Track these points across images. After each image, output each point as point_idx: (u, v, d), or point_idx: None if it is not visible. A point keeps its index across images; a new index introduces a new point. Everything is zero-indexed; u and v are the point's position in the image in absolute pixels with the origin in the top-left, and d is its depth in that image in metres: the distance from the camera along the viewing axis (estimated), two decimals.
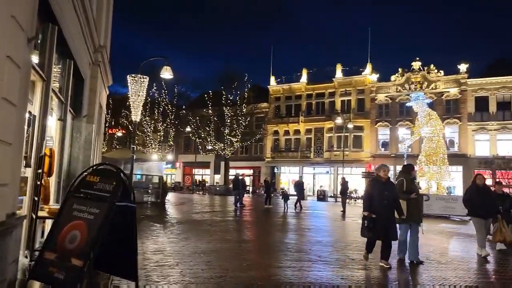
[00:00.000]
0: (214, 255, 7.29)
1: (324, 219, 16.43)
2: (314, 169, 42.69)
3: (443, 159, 21.81)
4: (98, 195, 4.40)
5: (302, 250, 8.11)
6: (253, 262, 6.77)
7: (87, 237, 4.18)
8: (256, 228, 12.68)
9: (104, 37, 12.10)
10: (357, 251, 8.10)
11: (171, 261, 6.63)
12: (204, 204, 23.76)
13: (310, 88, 44.05)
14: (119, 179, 4.42)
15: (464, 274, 6.25)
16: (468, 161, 35.40)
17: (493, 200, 8.31)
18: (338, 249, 8.44)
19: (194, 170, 49.70)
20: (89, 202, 4.37)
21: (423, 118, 22.43)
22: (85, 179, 4.53)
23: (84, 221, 4.25)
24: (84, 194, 4.43)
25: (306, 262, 6.79)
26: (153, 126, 42.28)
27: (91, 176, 4.56)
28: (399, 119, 39.06)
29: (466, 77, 36.78)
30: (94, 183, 4.50)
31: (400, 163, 36.20)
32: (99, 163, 4.96)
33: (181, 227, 11.66)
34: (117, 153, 25.70)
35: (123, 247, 4.61)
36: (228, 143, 40.68)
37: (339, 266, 6.58)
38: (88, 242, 4.13)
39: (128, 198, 4.54)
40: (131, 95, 14.96)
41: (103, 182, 4.44)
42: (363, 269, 6.38)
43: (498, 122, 35.45)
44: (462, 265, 7.07)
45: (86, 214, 4.30)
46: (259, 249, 8.20)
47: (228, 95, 40.75)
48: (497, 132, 35.47)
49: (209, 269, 6.12)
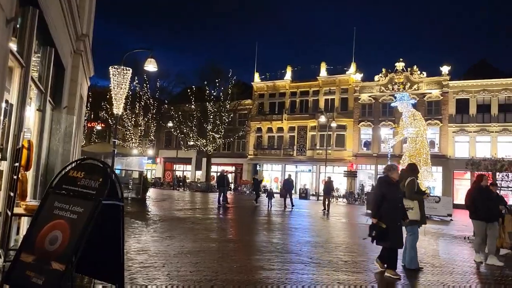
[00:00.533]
0: (202, 255, 6.98)
1: (309, 218, 16.28)
2: (296, 167, 42.67)
3: (426, 160, 21.93)
4: (82, 192, 4.02)
5: (293, 251, 7.87)
6: (243, 264, 6.48)
7: (69, 238, 3.81)
8: (242, 227, 12.40)
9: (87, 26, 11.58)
10: (349, 253, 7.92)
11: (156, 262, 6.28)
12: (186, 201, 23.34)
13: (294, 86, 43.96)
14: (106, 175, 4.05)
15: (461, 279, 6.11)
16: (448, 162, 35.96)
17: (495, 202, 8.16)
18: (329, 250, 8.22)
19: (175, 166, 49.02)
20: (72, 200, 3.99)
21: (407, 118, 22.49)
22: (68, 175, 4.15)
23: (66, 221, 3.88)
24: (66, 191, 4.05)
25: (299, 264, 6.54)
26: (133, 120, 41.43)
27: (75, 171, 4.18)
28: (381, 119, 39.37)
29: (448, 79, 37.31)
30: (78, 179, 4.12)
31: (383, 162, 36.62)
32: (84, 157, 4.56)
33: (164, 224, 11.29)
34: (97, 147, 24.99)
35: (108, 249, 4.24)
36: (210, 139, 40.23)
37: (333, 269, 6.35)
38: (71, 244, 3.76)
39: (116, 196, 4.17)
40: (113, 87, 14.45)
41: (88, 178, 4.07)
42: (358, 273, 6.17)
43: (477, 124, 36.09)
44: (457, 269, 6.95)
45: (68, 213, 3.93)
46: (248, 250, 7.92)
47: (212, 91, 40.27)
48: (476, 134, 36.12)
49: (197, 271, 5.81)
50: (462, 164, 35.10)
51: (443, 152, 36.32)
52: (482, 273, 6.62)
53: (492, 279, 6.31)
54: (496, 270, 6.93)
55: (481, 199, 7.80)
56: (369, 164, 39.58)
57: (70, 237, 3.82)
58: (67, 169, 4.21)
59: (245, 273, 5.83)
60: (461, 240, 11.28)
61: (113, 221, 4.19)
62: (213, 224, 12.30)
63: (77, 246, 3.74)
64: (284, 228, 12.31)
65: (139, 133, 42.05)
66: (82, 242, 3.78)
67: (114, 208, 4.14)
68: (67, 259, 3.67)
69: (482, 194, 7.87)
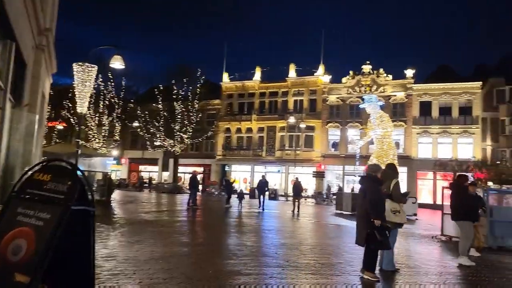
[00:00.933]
0: (174, 261, 6.70)
1: (280, 219, 16.21)
2: (265, 168, 42.67)
3: (393, 160, 22.43)
4: (49, 196, 3.69)
5: (269, 254, 7.72)
6: (219, 268, 6.26)
7: (35, 247, 3.48)
8: (214, 229, 12.14)
9: (50, 19, 11.01)
10: (325, 255, 7.86)
11: (126, 269, 5.95)
12: (153, 202, 22.77)
13: (263, 87, 43.99)
14: (75, 178, 3.73)
15: (438, 279, 6.15)
16: (412, 163, 37.03)
17: (477, 202, 8.31)
18: (305, 252, 8.13)
19: (141, 167, 47.91)
20: (38, 205, 3.66)
21: (375, 120, 22.96)
22: (33, 178, 3.80)
23: (31, 228, 3.54)
24: (31, 196, 3.70)
25: (276, 268, 6.39)
26: (97, 119, 40.12)
27: (41, 174, 3.83)
28: (349, 121, 40.06)
29: (412, 82, 38.46)
30: (44, 182, 3.78)
31: (350, 163, 37.28)
32: (50, 158, 4.21)
33: (132, 228, 10.86)
34: (59, 147, 23.98)
35: (78, 259, 3.93)
36: (178, 140, 39.56)
37: (311, 272, 6.24)
38: (37, 253, 3.44)
39: (86, 201, 3.86)
40: (77, 85, 13.84)
41: (56, 181, 3.74)
42: (336, 275, 6.09)
43: (439, 126, 37.40)
44: (431, 269, 7.03)
45: (34, 219, 3.59)
46: (223, 254, 7.70)
47: (179, 90, 39.62)
48: (438, 136, 37.41)
49: (171, 278, 5.54)
50: (425, 165, 36.33)
51: (407, 153, 37.34)
52: (456, 273, 6.71)
53: (467, 279, 6.40)
54: (469, 270, 7.05)
55: (471, 199, 7.82)
56: (336, 165, 40.15)
57: (35, 246, 3.50)
58: (32, 172, 3.87)
59: (222, 279, 5.62)
60: (429, 239, 11.52)
61: (83, 228, 3.88)
62: (184, 227, 11.98)
63: (44, 256, 3.43)
64: (256, 230, 12.16)
65: (103, 133, 40.77)
66: (50, 251, 3.46)
67: (84, 214, 3.83)
68: (32, 270, 3.35)
69: (469, 195, 7.90)
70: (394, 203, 6.30)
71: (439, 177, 35.54)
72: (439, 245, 10.54)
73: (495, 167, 16.14)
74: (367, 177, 6.24)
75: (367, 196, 5.89)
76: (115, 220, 12.55)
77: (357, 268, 6.37)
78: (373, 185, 6.00)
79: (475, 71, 40.21)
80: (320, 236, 11.14)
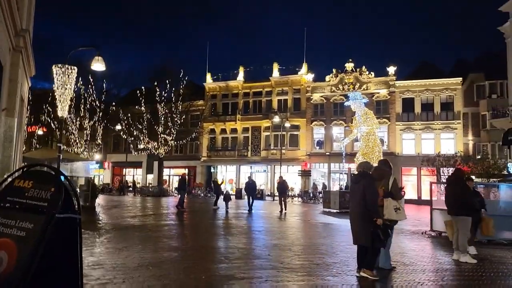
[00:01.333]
0: (165, 267, 6.46)
1: (268, 219, 16.05)
2: (251, 168, 42.50)
3: (379, 157, 22.55)
4: (31, 204, 3.44)
5: (261, 256, 7.53)
6: (212, 273, 6.05)
7: (17, 259, 3.24)
8: (203, 232, 11.90)
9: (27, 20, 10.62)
10: (318, 255, 7.72)
11: (115, 277, 5.70)
12: (139, 206, 22.35)
13: (247, 87, 43.81)
14: (59, 184, 3.49)
15: (436, 277, 6.07)
16: (397, 159, 37.33)
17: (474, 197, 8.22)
18: (298, 253, 7.98)
19: (125, 171, 47.17)
20: (20, 215, 3.40)
21: (360, 117, 23.04)
22: (13, 185, 3.54)
23: (12, 239, 3.29)
24: (12, 204, 3.45)
25: (271, 271, 6.21)
26: (78, 123, 39.31)
27: (22, 180, 3.57)
28: (333, 119, 40.21)
29: (394, 79, 38.81)
30: (26, 189, 3.53)
31: (336, 161, 37.45)
32: (31, 163, 3.95)
33: (118, 234, 10.55)
34: (39, 152, 23.32)
35: (64, 270, 3.68)
36: (162, 142, 39.06)
37: (306, 274, 6.08)
38: (20, 266, 3.19)
39: (71, 208, 3.61)
40: (57, 87, 13.44)
41: (38, 188, 3.49)
42: (333, 276, 5.94)
43: (422, 122, 37.85)
44: (427, 266, 6.95)
45: (15, 230, 3.34)
46: (214, 257, 7.49)
47: (162, 92, 39.13)
48: (421, 132, 37.86)
49: (163, 285, 5.31)
50: (410, 161, 36.71)
51: (391, 149, 37.66)
52: (453, 270, 6.64)
53: (463, 275, 6.34)
54: (464, 266, 7.00)
55: (470, 194, 7.70)
56: (322, 163, 40.26)
57: (18, 258, 3.25)
58: (12, 178, 3.60)
59: (216, 285, 5.42)
60: (419, 235, 11.53)
61: (70, 236, 3.63)
62: (172, 230, 11.70)
63: (28, 268, 3.18)
64: (246, 232, 11.97)
65: (84, 137, 39.98)
66: (34, 263, 3.22)
67: (69, 222, 3.58)
68: (15, 284, 3.12)
69: (468, 189, 7.78)
70: (394, 201, 6.17)
71: (423, 173, 35.96)
72: (430, 240, 10.53)
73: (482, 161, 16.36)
74: (363, 175, 6.07)
75: (368, 196, 5.73)
76: (100, 226, 12.19)
77: (353, 268, 6.25)
78: (371, 184, 5.86)
79: (455, 67, 40.85)
80: (311, 236, 11.01)
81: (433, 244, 9.87)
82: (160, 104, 38.76)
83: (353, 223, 6.01)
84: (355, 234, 5.94)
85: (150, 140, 38.97)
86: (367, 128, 22.78)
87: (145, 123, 38.94)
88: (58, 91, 13.46)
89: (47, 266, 3.40)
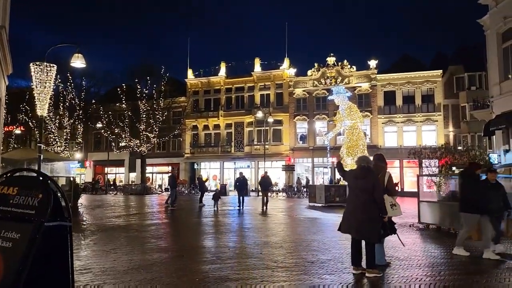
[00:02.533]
0: (156, 269, 6.27)
1: (255, 215, 15.93)
2: (235, 164, 42.32)
3: (363, 151, 22.59)
4: (17, 213, 3.22)
5: (254, 255, 7.40)
6: (206, 275, 5.89)
7: (4, 272, 3.03)
8: (192, 231, 11.70)
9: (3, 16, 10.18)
10: (311, 252, 7.63)
11: (105, 282, 5.49)
12: (123, 206, 21.95)
13: (229, 82, 43.50)
14: (47, 190, 3.27)
15: (433, 272, 6.03)
16: (379, 152, 37.64)
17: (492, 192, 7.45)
18: (290, 250, 7.87)
19: (107, 169, 46.39)
20: (4, 224, 3.18)
21: (344, 111, 23.00)
22: None
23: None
24: None
25: (265, 270, 6.09)
26: (58, 122, 38.39)
27: (5, 187, 3.34)
28: (316, 113, 40.30)
29: (376, 73, 39.08)
30: (11, 196, 3.30)
31: (319, 155, 37.54)
32: (15, 168, 3.71)
33: (104, 235, 10.27)
34: (18, 153, 22.60)
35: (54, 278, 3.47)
36: (144, 139, 38.53)
37: (302, 272, 5.97)
38: (7, 279, 2.99)
39: (61, 215, 3.40)
40: (36, 86, 13.02)
41: (25, 194, 3.27)
42: (330, 274, 5.85)
43: (404, 115, 38.28)
44: (422, 260, 6.92)
45: (0, 241, 3.13)
46: (205, 258, 7.32)
47: (143, 89, 38.55)
48: (403, 124, 38.30)
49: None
50: (392, 153, 37.07)
51: (374, 142, 37.97)
52: (449, 264, 6.62)
53: (459, 268, 6.33)
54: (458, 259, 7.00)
55: (483, 190, 7.25)
56: (305, 158, 40.36)
57: (5, 271, 3.04)
58: None
59: (211, 287, 5.26)
60: (407, 228, 11.57)
61: (60, 244, 3.42)
62: (160, 230, 11.47)
63: (16, 282, 2.97)
64: (235, 229, 11.83)
65: (64, 136, 39.09)
66: (22, 276, 3.01)
67: (60, 230, 3.37)
68: None
69: (480, 185, 7.36)
70: (390, 197, 6.09)
71: (405, 165, 36.44)
72: (419, 233, 10.58)
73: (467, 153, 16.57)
74: (367, 169, 5.85)
75: (377, 193, 5.62)
76: (84, 227, 11.87)
77: (348, 265, 6.17)
78: (378, 180, 5.77)
79: (435, 60, 41.38)
80: (301, 232, 10.93)
81: (423, 237, 9.92)
82: (141, 101, 38.22)
83: (358, 220, 5.68)
84: (362, 230, 5.61)
85: (132, 138, 38.40)
86: (351, 122, 22.77)
87: (126, 120, 38.34)
88: (36, 90, 13.04)
89: (37, 274, 3.19)
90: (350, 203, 6.01)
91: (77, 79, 39.56)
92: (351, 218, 5.77)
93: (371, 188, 5.61)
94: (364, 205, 5.62)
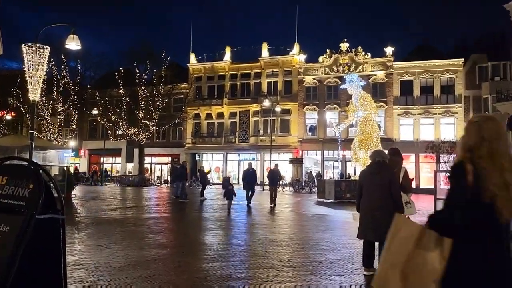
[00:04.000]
0: (154, 266, 6.29)
1: (260, 211, 15.93)
2: (239, 155, 42.37)
3: (377, 144, 22.48)
4: (6, 204, 3.22)
5: (258, 253, 7.41)
6: (207, 273, 5.90)
7: None
8: (192, 226, 11.76)
9: None
10: (319, 251, 7.62)
11: (100, 278, 5.51)
12: (119, 198, 22.10)
13: (234, 68, 43.35)
14: (39, 180, 3.27)
15: None
16: (394, 145, 37.44)
17: None
18: (297, 249, 7.89)
19: (103, 159, 46.64)
20: None
21: (357, 101, 22.81)
22: None
23: None
24: None
25: (270, 270, 6.09)
26: (51, 108, 38.59)
27: None
28: (327, 102, 40.09)
29: (392, 60, 38.73)
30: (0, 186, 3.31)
31: (329, 148, 37.46)
32: (5, 156, 3.70)
33: (99, 229, 10.33)
34: (8, 139, 22.71)
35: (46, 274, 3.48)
36: (142, 128, 38.66)
37: (309, 273, 5.97)
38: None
39: (53, 207, 3.41)
40: (28, 68, 13.04)
41: (14, 184, 3.27)
42: (339, 275, 5.84)
43: (421, 106, 38.00)
44: None
45: None
46: (206, 255, 7.33)
47: (143, 74, 38.55)
48: (420, 117, 38.04)
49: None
50: (407, 147, 36.87)
51: (388, 135, 37.78)
52: None
53: None
54: None
55: None
56: (315, 150, 40.26)
57: None
58: None
59: (212, 286, 5.28)
60: None
61: (52, 238, 3.42)
62: (158, 224, 11.52)
63: (5, 276, 2.98)
64: (239, 226, 11.86)
65: (58, 123, 39.32)
66: (12, 270, 3.01)
67: (52, 223, 3.37)
68: None
69: None
70: (405, 194, 6.03)
71: (422, 160, 36.29)
72: None
73: None
74: (383, 164, 5.77)
75: (394, 190, 5.56)
76: (78, 220, 11.96)
77: (359, 266, 6.16)
78: (394, 175, 5.72)
79: (455, 48, 40.94)
80: (309, 229, 10.94)
81: None
82: (140, 87, 38.24)
83: (376, 219, 5.48)
84: (382, 233, 5.44)
85: (130, 126, 38.51)
86: (365, 113, 22.58)
87: (124, 107, 38.43)
88: (28, 73, 13.07)
89: (27, 269, 3.20)
90: (365, 202, 5.82)
91: (72, 62, 39.67)
92: (368, 219, 5.64)
93: (387, 183, 5.56)
94: (380, 201, 5.54)
